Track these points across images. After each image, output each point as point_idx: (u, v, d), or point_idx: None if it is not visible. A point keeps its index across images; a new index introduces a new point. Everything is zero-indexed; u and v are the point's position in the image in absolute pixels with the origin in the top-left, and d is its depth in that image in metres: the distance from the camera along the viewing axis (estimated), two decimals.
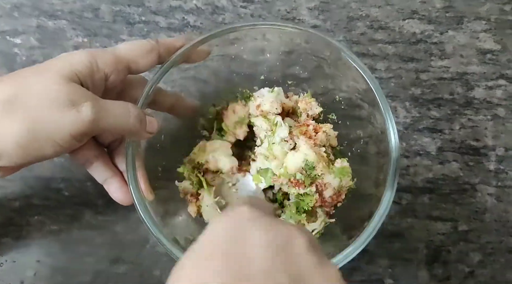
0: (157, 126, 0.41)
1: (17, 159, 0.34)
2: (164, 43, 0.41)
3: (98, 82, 0.38)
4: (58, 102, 0.33)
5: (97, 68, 0.37)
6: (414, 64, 0.55)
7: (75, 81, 0.36)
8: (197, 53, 0.44)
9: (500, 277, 0.49)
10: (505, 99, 0.54)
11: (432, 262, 0.49)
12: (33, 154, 0.34)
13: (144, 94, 0.41)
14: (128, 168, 0.40)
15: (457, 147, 0.53)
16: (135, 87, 0.43)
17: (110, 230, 0.50)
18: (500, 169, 0.52)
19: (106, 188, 0.43)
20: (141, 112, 0.38)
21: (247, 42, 0.47)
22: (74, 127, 0.34)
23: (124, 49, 0.39)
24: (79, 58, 0.37)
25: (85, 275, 0.48)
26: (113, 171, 0.43)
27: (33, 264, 0.49)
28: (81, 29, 0.56)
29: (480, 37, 0.56)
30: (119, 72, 0.39)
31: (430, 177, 0.52)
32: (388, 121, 0.41)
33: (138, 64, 0.40)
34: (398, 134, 0.40)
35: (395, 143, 0.40)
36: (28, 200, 0.50)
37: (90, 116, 0.34)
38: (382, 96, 0.41)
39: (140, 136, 0.40)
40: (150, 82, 0.42)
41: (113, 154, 0.44)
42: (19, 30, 0.56)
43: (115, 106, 0.37)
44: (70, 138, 0.34)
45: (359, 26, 0.56)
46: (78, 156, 0.42)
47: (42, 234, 0.49)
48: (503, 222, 0.50)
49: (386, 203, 0.39)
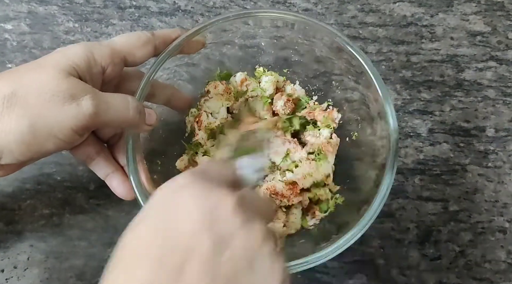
0: (156, 118, 0.41)
1: (19, 155, 0.34)
2: (160, 35, 0.41)
3: (96, 75, 0.38)
4: (58, 97, 0.33)
5: (94, 62, 0.37)
6: (404, 47, 0.55)
7: (74, 75, 0.35)
8: (192, 44, 0.44)
9: (490, 256, 0.49)
10: (495, 80, 0.54)
11: (423, 242, 0.50)
12: (35, 150, 0.34)
13: (141, 87, 0.41)
14: (129, 162, 0.40)
15: (448, 128, 0.53)
16: (132, 80, 0.43)
17: (103, 214, 0.50)
18: (490, 150, 0.52)
19: (108, 183, 0.43)
20: (140, 104, 0.38)
21: (240, 28, 0.47)
22: (75, 121, 0.34)
23: (120, 42, 0.39)
24: (76, 51, 0.36)
25: (78, 259, 0.48)
26: (114, 166, 0.43)
27: (26, 248, 0.49)
28: (72, 14, 0.56)
29: (470, 19, 0.56)
30: (115, 65, 0.39)
31: (421, 158, 0.52)
32: (387, 104, 0.40)
33: (134, 57, 0.40)
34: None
35: (394, 124, 0.40)
36: (20, 184, 0.50)
37: (91, 109, 0.34)
38: (379, 79, 0.41)
39: (139, 129, 0.40)
40: (146, 74, 0.42)
41: (113, 149, 0.44)
42: (10, 16, 0.56)
43: (115, 98, 0.37)
44: (71, 132, 0.34)
45: (350, 9, 0.57)
46: (79, 152, 0.41)
47: (35, 219, 0.50)
48: (493, 202, 0.51)
49: (387, 183, 0.38)
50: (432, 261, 0.49)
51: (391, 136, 0.40)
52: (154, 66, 0.42)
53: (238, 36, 0.48)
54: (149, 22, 0.56)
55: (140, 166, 0.40)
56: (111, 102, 0.36)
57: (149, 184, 0.41)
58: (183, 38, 0.42)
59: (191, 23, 0.56)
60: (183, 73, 0.49)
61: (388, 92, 0.41)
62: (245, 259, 0.25)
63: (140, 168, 0.40)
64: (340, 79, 0.47)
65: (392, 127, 0.40)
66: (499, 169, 0.52)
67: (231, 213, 0.26)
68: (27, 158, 0.35)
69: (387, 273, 0.48)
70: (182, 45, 0.43)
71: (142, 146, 0.42)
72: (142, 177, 0.40)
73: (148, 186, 0.40)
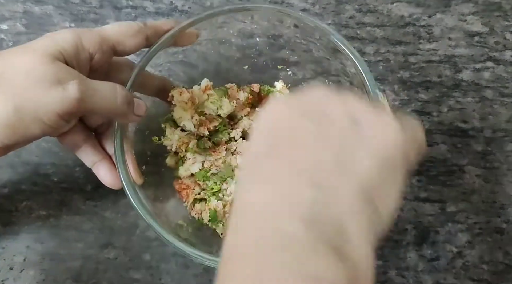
0: (145, 109, 0.40)
1: (4, 138, 0.34)
2: (152, 26, 0.41)
3: (83, 61, 0.37)
4: (44, 80, 0.33)
5: (82, 47, 0.37)
6: (402, 47, 0.55)
7: (60, 60, 0.35)
8: (185, 37, 0.44)
9: (488, 257, 0.49)
10: (493, 81, 0.54)
11: (421, 243, 0.49)
12: (21, 133, 0.34)
13: (132, 77, 0.41)
14: (117, 151, 0.40)
15: (445, 129, 0.53)
16: (122, 71, 0.43)
17: (100, 216, 0.50)
18: (488, 151, 0.52)
19: (95, 171, 0.43)
20: (129, 94, 0.38)
21: (236, 26, 0.47)
22: (61, 106, 0.34)
23: (111, 30, 0.39)
24: (64, 37, 0.36)
25: (75, 261, 0.48)
26: (101, 155, 0.43)
27: (22, 249, 0.48)
28: (68, 14, 0.56)
29: (468, 20, 0.56)
30: (104, 52, 0.38)
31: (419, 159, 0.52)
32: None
33: (124, 46, 0.39)
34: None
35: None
36: (16, 185, 0.50)
37: (77, 94, 0.34)
38: (373, 82, 0.41)
39: (127, 119, 0.40)
40: (137, 64, 0.42)
41: (101, 138, 0.43)
42: (6, 16, 0.55)
43: (102, 86, 0.36)
44: (57, 117, 0.34)
45: (348, 10, 0.56)
46: (66, 140, 0.41)
47: (31, 220, 0.49)
48: (491, 203, 0.51)
49: None
50: (429, 262, 0.49)
51: None
52: (146, 56, 0.41)
53: (234, 34, 0.48)
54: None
55: (128, 155, 0.40)
56: (98, 90, 0.36)
57: (137, 174, 0.41)
58: (176, 30, 0.42)
59: None
60: (180, 73, 0.49)
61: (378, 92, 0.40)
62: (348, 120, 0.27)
63: (128, 158, 0.40)
64: (336, 80, 0.47)
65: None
66: (497, 169, 0.52)
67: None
68: (12, 142, 0.34)
69: (385, 275, 0.48)
70: (175, 37, 0.42)
71: (131, 136, 0.42)
72: (130, 167, 0.40)
73: (135, 176, 0.40)
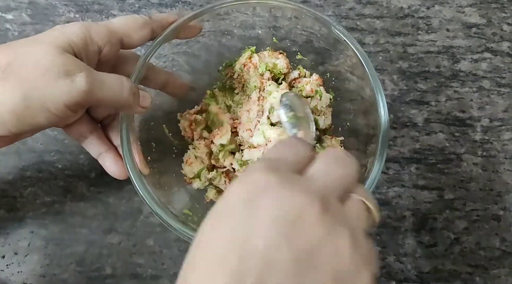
0: (150, 101, 0.41)
1: (12, 127, 0.35)
2: (157, 19, 0.42)
3: (92, 54, 0.38)
4: (52, 72, 0.34)
5: (91, 40, 0.37)
6: (401, 38, 0.56)
7: (69, 52, 0.36)
8: (189, 29, 0.44)
9: (485, 243, 0.50)
10: (490, 71, 0.55)
11: (419, 230, 0.50)
12: (28, 122, 0.35)
13: (137, 69, 0.42)
14: (123, 142, 0.40)
15: (443, 118, 0.54)
16: (128, 63, 0.44)
17: (103, 201, 0.50)
18: (485, 139, 0.53)
19: (101, 162, 0.43)
20: (134, 86, 0.39)
21: (238, 17, 0.48)
22: (68, 97, 0.34)
23: (118, 23, 0.40)
24: (73, 29, 0.37)
25: (79, 246, 0.49)
26: (107, 146, 0.43)
27: (27, 235, 0.49)
28: (73, 5, 0.56)
29: (465, 11, 0.57)
30: (112, 45, 0.39)
31: (417, 148, 0.53)
32: (379, 97, 0.41)
33: (131, 38, 0.40)
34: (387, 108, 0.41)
35: (385, 119, 0.41)
36: (21, 172, 0.51)
37: (84, 86, 0.35)
38: (373, 72, 0.42)
39: (133, 110, 0.40)
40: (142, 56, 0.42)
41: (107, 129, 0.44)
42: (11, 6, 0.56)
43: (109, 78, 0.37)
44: (64, 108, 0.35)
45: (348, 1, 0.57)
46: (72, 131, 0.42)
47: (35, 206, 0.50)
48: (488, 191, 0.52)
49: (374, 174, 0.39)
50: (427, 248, 0.50)
51: (381, 128, 0.41)
52: (150, 49, 0.42)
53: (237, 26, 0.49)
54: (149, 13, 0.57)
55: (134, 146, 0.41)
56: (105, 81, 0.36)
57: (143, 164, 0.41)
58: (180, 22, 0.43)
59: None
60: (183, 64, 0.50)
61: (379, 83, 0.41)
62: (331, 276, 0.23)
63: (134, 148, 0.41)
64: (337, 70, 0.48)
65: (383, 120, 0.41)
66: (494, 158, 0.53)
67: (315, 222, 0.23)
68: (19, 130, 0.35)
69: (384, 260, 0.49)
70: (179, 29, 0.43)
71: (136, 127, 0.43)
72: (136, 157, 0.41)
73: (141, 167, 0.41)
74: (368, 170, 0.40)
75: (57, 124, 0.38)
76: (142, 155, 0.42)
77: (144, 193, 0.40)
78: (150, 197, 0.40)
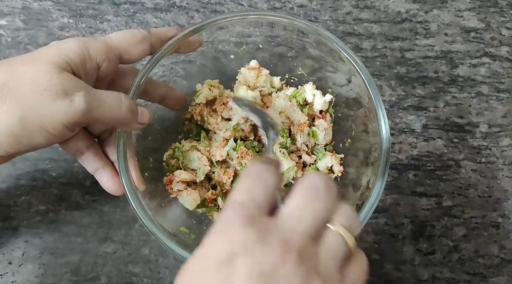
0: (148, 117, 0.40)
1: (8, 147, 0.34)
2: (156, 33, 0.41)
3: (90, 71, 0.37)
4: (50, 91, 0.33)
5: (89, 57, 0.37)
6: (399, 43, 0.56)
7: (67, 70, 0.35)
8: (188, 44, 0.44)
9: (483, 251, 0.50)
10: (489, 76, 0.55)
11: (417, 237, 0.50)
12: (25, 143, 0.34)
13: (136, 84, 0.41)
14: (120, 158, 0.40)
15: (442, 124, 0.53)
16: (126, 77, 0.43)
17: (98, 210, 0.50)
18: (483, 145, 0.53)
19: (98, 178, 0.43)
20: (133, 102, 0.38)
21: (235, 29, 0.47)
22: (67, 117, 0.34)
23: (116, 38, 0.39)
24: (71, 46, 0.36)
25: (73, 255, 0.49)
26: (104, 161, 0.43)
27: (21, 244, 0.49)
28: (67, 10, 0.56)
29: (464, 16, 0.57)
30: (110, 61, 0.38)
31: (415, 154, 0.52)
32: (380, 112, 0.41)
33: (129, 54, 0.39)
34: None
35: (386, 134, 0.40)
36: (15, 181, 0.50)
37: (83, 106, 0.34)
38: (374, 88, 0.41)
39: (131, 127, 0.40)
40: (141, 72, 0.41)
41: (104, 144, 0.44)
42: (4, 11, 0.55)
43: (108, 96, 0.36)
44: (62, 128, 0.34)
45: (345, 6, 0.57)
46: (69, 146, 0.41)
47: (30, 215, 0.50)
48: (486, 197, 0.51)
49: (376, 192, 0.39)
50: (426, 256, 0.49)
51: (383, 145, 0.40)
52: (149, 65, 0.41)
53: (234, 35, 0.48)
54: (144, 18, 0.56)
55: (131, 162, 0.40)
56: (103, 100, 0.36)
57: (139, 180, 0.41)
58: (179, 37, 0.42)
59: (186, 19, 0.56)
60: (179, 70, 0.49)
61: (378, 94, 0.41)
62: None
63: (131, 165, 0.40)
64: (334, 77, 0.47)
65: (384, 137, 0.40)
66: (492, 164, 0.52)
67: (290, 278, 0.24)
68: (15, 150, 0.35)
69: (382, 268, 0.49)
70: (178, 44, 0.43)
71: (134, 143, 0.42)
72: (133, 173, 0.40)
73: (138, 183, 0.40)
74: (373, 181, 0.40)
75: (55, 142, 0.37)
76: (139, 171, 0.42)
77: (140, 210, 0.39)
78: (146, 214, 0.39)
